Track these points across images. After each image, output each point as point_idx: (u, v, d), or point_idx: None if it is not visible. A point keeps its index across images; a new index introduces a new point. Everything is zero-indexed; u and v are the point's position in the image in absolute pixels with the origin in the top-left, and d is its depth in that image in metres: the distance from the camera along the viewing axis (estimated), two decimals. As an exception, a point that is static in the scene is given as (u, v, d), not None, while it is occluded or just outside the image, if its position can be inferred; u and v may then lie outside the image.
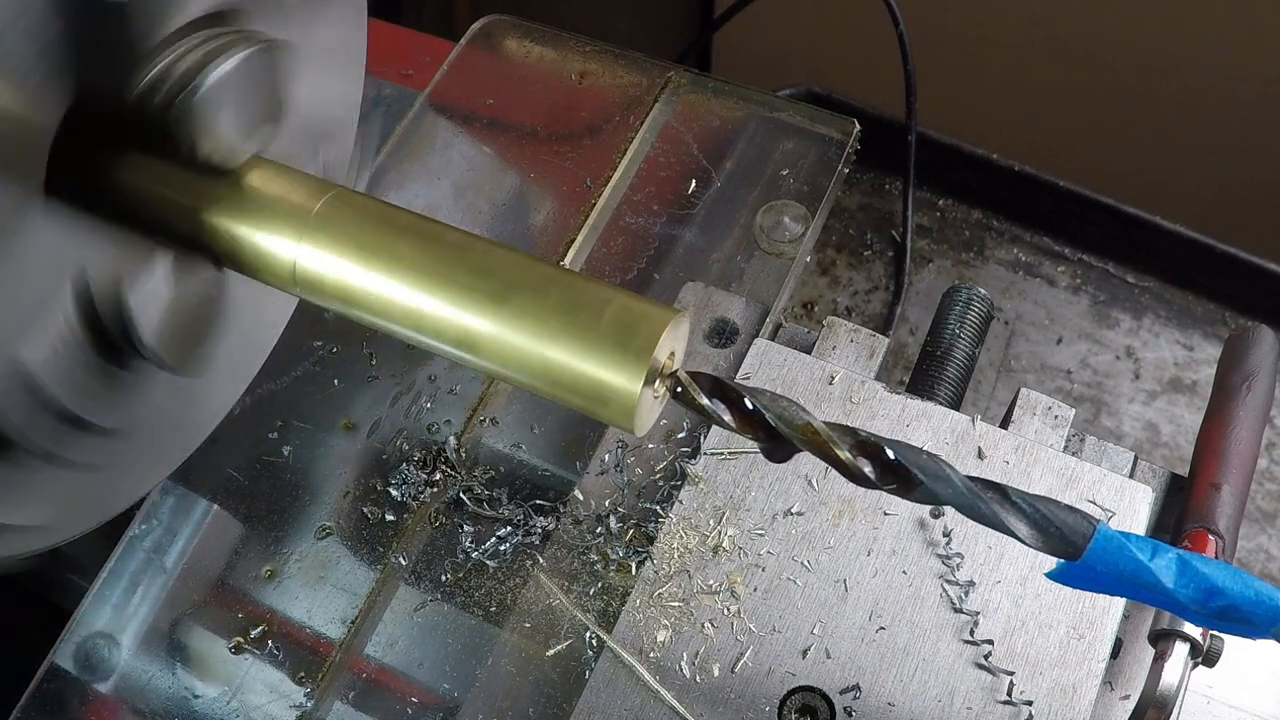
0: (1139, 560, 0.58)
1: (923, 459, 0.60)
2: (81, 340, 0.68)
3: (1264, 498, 1.21)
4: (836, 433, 0.61)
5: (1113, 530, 0.58)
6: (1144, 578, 0.58)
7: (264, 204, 0.69)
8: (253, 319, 0.82)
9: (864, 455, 0.60)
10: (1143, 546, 0.58)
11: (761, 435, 0.62)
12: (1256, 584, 0.57)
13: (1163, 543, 0.58)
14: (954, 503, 0.59)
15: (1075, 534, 0.58)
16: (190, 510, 0.85)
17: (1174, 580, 0.58)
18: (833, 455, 0.60)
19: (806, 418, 0.61)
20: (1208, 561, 0.58)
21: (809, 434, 0.61)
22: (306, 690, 0.78)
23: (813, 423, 0.61)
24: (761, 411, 0.61)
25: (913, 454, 0.60)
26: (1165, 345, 1.30)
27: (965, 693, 0.72)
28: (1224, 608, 0.58)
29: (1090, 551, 0.58)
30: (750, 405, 0.62)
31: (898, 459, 0.60)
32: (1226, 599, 0.57)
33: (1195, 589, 0.58)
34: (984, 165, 1.36)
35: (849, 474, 0.60)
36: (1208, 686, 0.77)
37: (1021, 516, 0.59)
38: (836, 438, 0.61)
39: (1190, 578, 0.57)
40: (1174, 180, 1.95)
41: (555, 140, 1.02)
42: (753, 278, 0.93)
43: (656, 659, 0.73)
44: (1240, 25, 1.78)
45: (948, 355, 0.87)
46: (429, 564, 0.82)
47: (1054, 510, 0.59)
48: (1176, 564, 0.58)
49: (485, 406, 0.88)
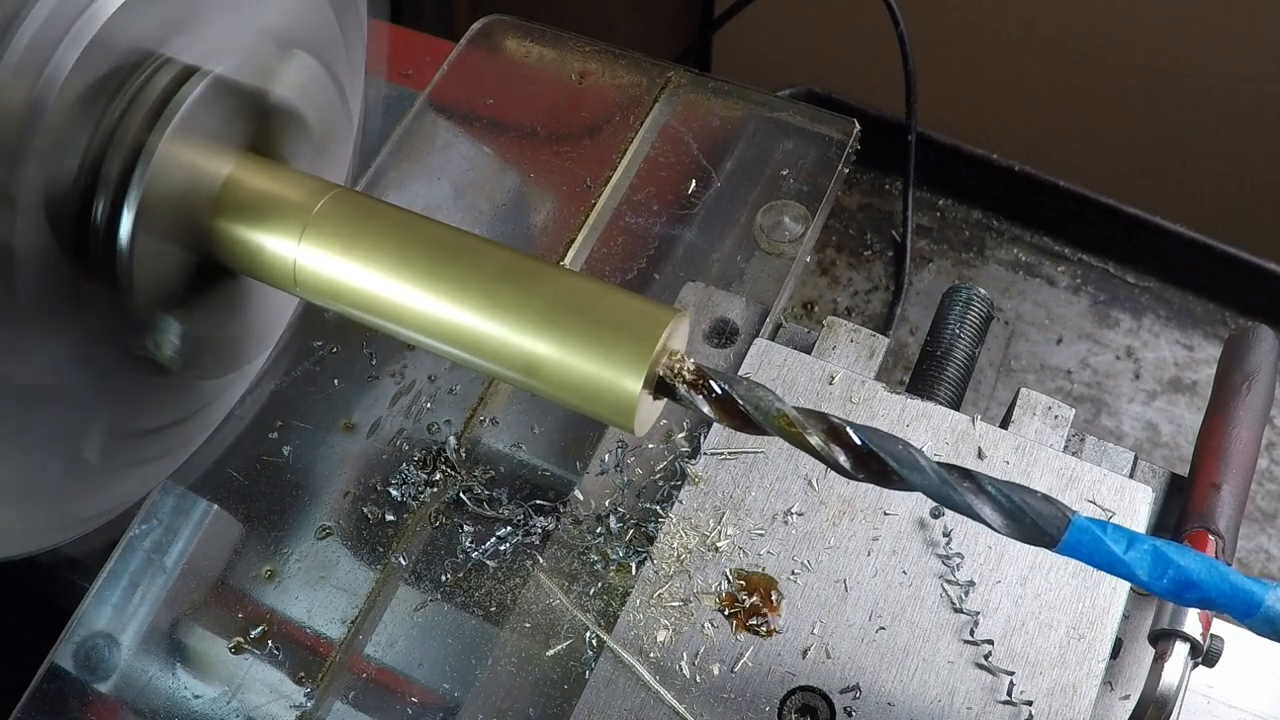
0: (1113, 552, 0.58)
1: (896, 447, 0.60)
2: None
3: (1264, 498, 1.21)
4: (808, 419, 0.61)
5: (1087, 520, 0.58)
6: (1119, 569, 0.58)
7: (264, 204, 0.69)
8: (253, 319, 0.82)
9: (837, 443, 0.61)
10: (1118, 537, 0.58)
11: (737, 422, 0.62)
12: (1232, 576, 0.57)
13: (1139, 533, 0.58)
14: (927, 490, 0.59)
15: (1049, 523, 0.58)
16: (190, 510, 0.84)
17: (1148, 573, 0.58)
18: (805, 442, 0.61)
19: (780, 405, 0.61)
20: (1185, 552, 0.58)
21: (782, 421, 0.61)
22: (306, 690, 0.78)
23: (785, 410, 0.61)
24: (735, 399, 0.62)
25: (885, 441, 0.60)
26: (1165, 345, 1.30)
27: (965, 693, 0.72)
28: (1199, 600, 0.58)
29: (1065, 542, 0.58)
30: (723, 391, 0.62)
31: (866, 444, 0.60)
32: (1201, 591, 0.57)
33: (1170, 581, 0.57)
34: (984, 165, 1.36)
35: (823, 460, 0.61)
36: (1208, 686, 0.77)
37: (995, 505, 0.59)
38: (809, 424, 0.61)
39: (1165, 570, 0.57)
40: (1174, 180, 1.95)
41: (555, 140, 1.02)
42: (753, 278, 0.93)
43: (656, 659, 0.73)
44: (1240, 25, 1.78)
45: (948, 355, 0.87)
46: (429, 564, 0.82)
47: (1028, 499, 0.59)
48: (1151, 556, 0.58)
49: (485, 406, 0.88)
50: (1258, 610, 0.57)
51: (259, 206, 0.69)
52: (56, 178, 0.62)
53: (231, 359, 0.83)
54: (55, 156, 0.61)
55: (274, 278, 0.69)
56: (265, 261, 0.69)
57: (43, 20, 0.58)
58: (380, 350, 0.90)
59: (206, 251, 0.71)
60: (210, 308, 0.75)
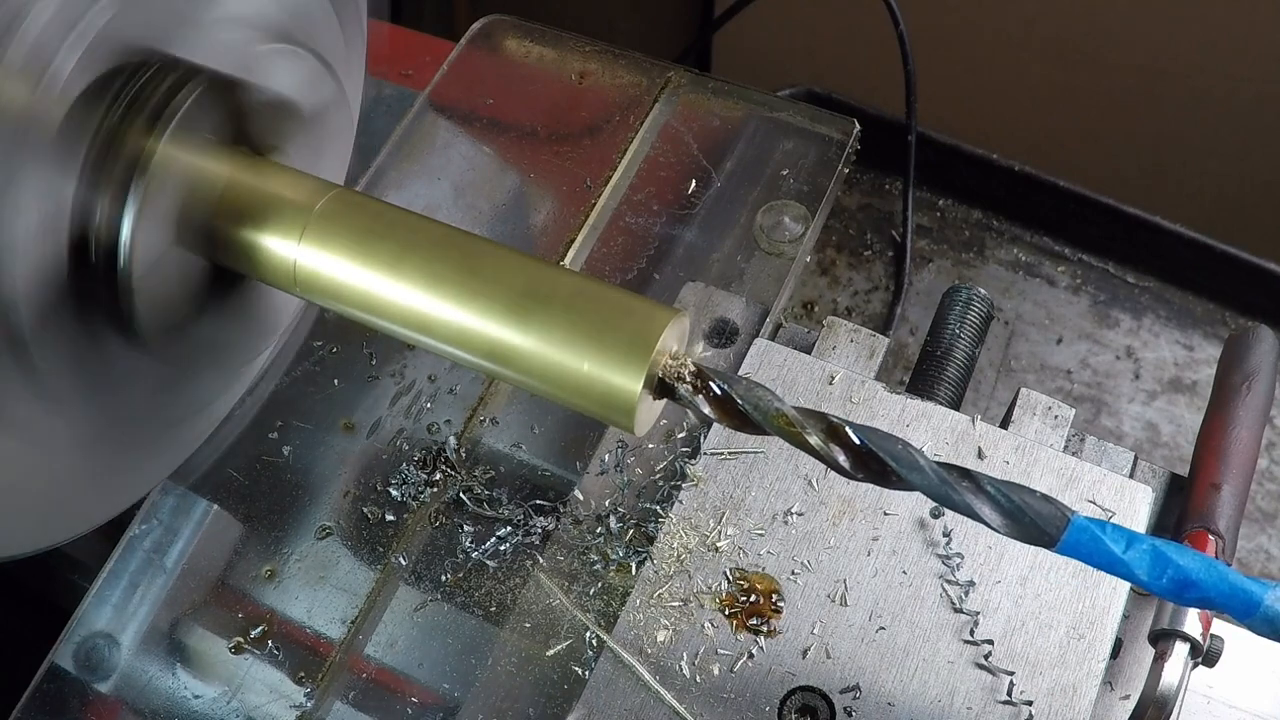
0: (1113, 552, 0.58)
1: (896, 447, 0.60)
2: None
3: (1264, 498, 1.21)
4: (808, 419, 0.61)
5: (1086, 520, 0.58)
6: (1118, 569, 0.58)
7: (264, 204, 0.69)
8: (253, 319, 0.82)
9: (836, 442, 0.61)
10: (1117, 537, 0.58)
11: (736, 422, 0.62)
12: (1231, 576, 0.57)
13: (1138, 533, 0.58)
14: (927, 490, 0.59)
15: (1049, 523, 0.58)
16: (190, 510, 0.84)
17: (1148, 573, 0.58)
18: (804, 442, 0.61)
19: (779, 405, 0.61)
20: (1184, 552, 0.58)
21: (782, 421, 0.61)
22: (306, 690, 0.78)
23: (785, 410, 0.61)
24: (735, 399, 0.62)
25: (884, 441, 0.60)
26: (1165, 345, 1.30)
27: (965, 693, 0.72)
28: (1199, 599, 0.58)
29: (1064, 541, 0.58)
30: (723, 391, 0.62)
31: (865, 444, 0.60)
32: (1200, 591, 0.57)
33: (1169, 581, 0.57)
34: (984, 165, 1.36)
35: (822, 460, 0.61)
36: (1208, 686, 0.77)
37: (994, 505, 0.59)
38: (808, 424, 0.61)
39: (1164, 569, 0.57)
40: (1174, 180, 1.95)
41: (555, 140, 1.02)
42: (753, 278, 0.93)
43: (656, 659, 0.73)
44: (1240, 25, 1.78)
45: (948, 355, 0.87)
46: (429, 564, 0.82)
47: (1027, 499, 0.59)
48: (1150, 556, 0.58)
49: (485, 406, 0.88)
50: (1257, 610, 0.57)
51: (259, 207, 0.69)
52: (57, 179, 0.62)
53: (232, 359, 0.83)
54: (56, 157, 0.61)
55: (274, 278, 0.69)
56: (265, 261, 0.69)
57: (44, 21, 0.58)
58: (380, 350, 0.90)
59: (207, 252, 0.71)
60: (210, 308, 0.76)
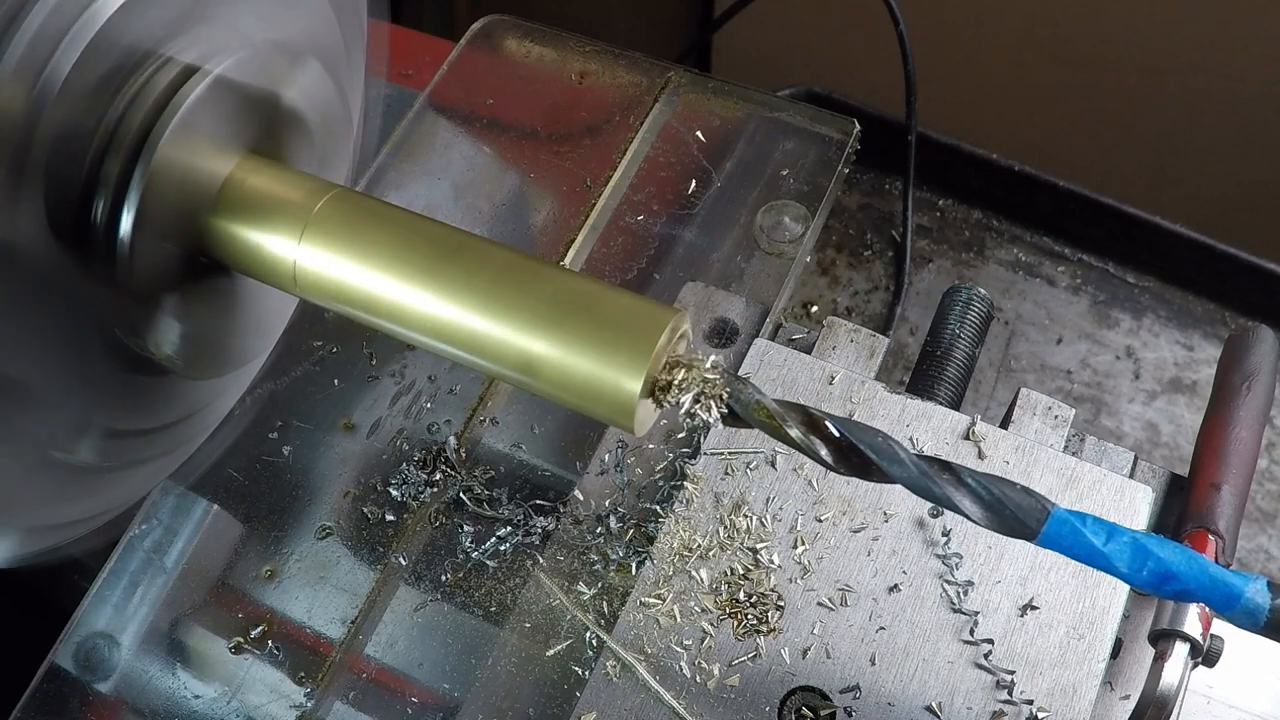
0: (1093, 544, 0.58)
1: (875, 440, 0.60)
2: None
3: (1264, 498, 1.21)
4: (788, 411, 0.61)
5: (1067, 512, 0.58)
6: (1099, 562, 0.58)
7: (264, 204, 0.69)
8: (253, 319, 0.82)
9: (816, 435, 0.61)
10: (1098, 530, 0.58)
11: (716, 416, 0.63)
12: (1212, 569, 0.57)
13: (1119, 526, 0.58)
14: (907, 483, 0.59)
15: (1029, 515, 0.58)
16: (190, 510, 0.84)
17: (1128, 565, 0.57)
18: (784, 434, 0.61)
19: (759, 397, 0.62)
20: (1165, 545, 0.58)
21: (762, 413, 0.61)
22: (306, 690, 0.78)
23: (765, 402, 0.61)
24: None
25: (863, 434, 0.60)
26: (1165, 345, 1.30)
27: (965, 693, 0.72)
28: (1179, 592, 0.58)
29: (1044, 534, 0.58)
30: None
31: (844, 436, 0.60)
32: (1181, 584, 0.57)
33: (1150, 573, 0.57)
34: (984, 165, 1.36)
35: (803, 452, 0.61)
36: (1208, 686, 0.77)
37: (975, 497, 0.59)
38: (788, 416, 0.61)
39: (1145, 562, 0.57)
40: (1174, 180, 1.95)
41: (555, 140, 1.02)
42: (753, 278, 0.93)
43: (656, 659, 0.73)
44: (1240, 25, 1.78)
45: (948, 355, 0.87)
46: (429, 564, 0.82)
47: (1008, 491, 0.59)
48: (1131, 548, 0.57)
49: (485, 406, 0.88)
50: (1238, 602, 0.57)
51: (259, 206, 0.69)
52: (57, 177, 0.62)
53: (231, 358, 0.83)
54: (56, 156, 0.61)
55: (274, 278, 0.69)
56: (265, 261, 0.69)
57: (43, 19, 0.58)
58: (380, 350, 0.90)
59: (206, 251, 0.71)
60: (210, 307, 0.76)
